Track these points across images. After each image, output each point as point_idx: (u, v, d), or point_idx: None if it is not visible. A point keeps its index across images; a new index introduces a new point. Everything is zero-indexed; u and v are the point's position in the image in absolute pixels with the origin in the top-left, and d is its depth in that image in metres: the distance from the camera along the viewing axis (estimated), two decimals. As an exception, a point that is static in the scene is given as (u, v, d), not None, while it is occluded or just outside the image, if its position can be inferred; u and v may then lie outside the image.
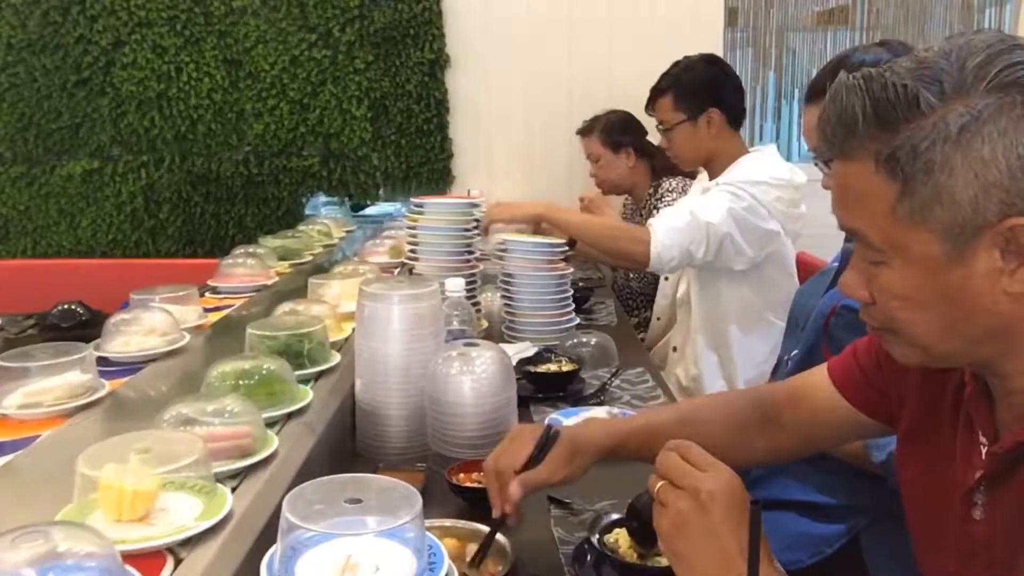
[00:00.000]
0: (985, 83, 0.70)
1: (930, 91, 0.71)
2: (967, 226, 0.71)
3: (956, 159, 0.70)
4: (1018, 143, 0.69)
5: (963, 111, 0.69)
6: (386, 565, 0.78)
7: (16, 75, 3.37)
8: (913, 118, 0.71)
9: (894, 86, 0.72)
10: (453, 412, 1.32)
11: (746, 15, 3.62)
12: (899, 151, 0.71)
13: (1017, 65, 0.70)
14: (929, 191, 0.71)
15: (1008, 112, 0.69)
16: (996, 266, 0.72)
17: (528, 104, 3.33)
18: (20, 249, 3.49)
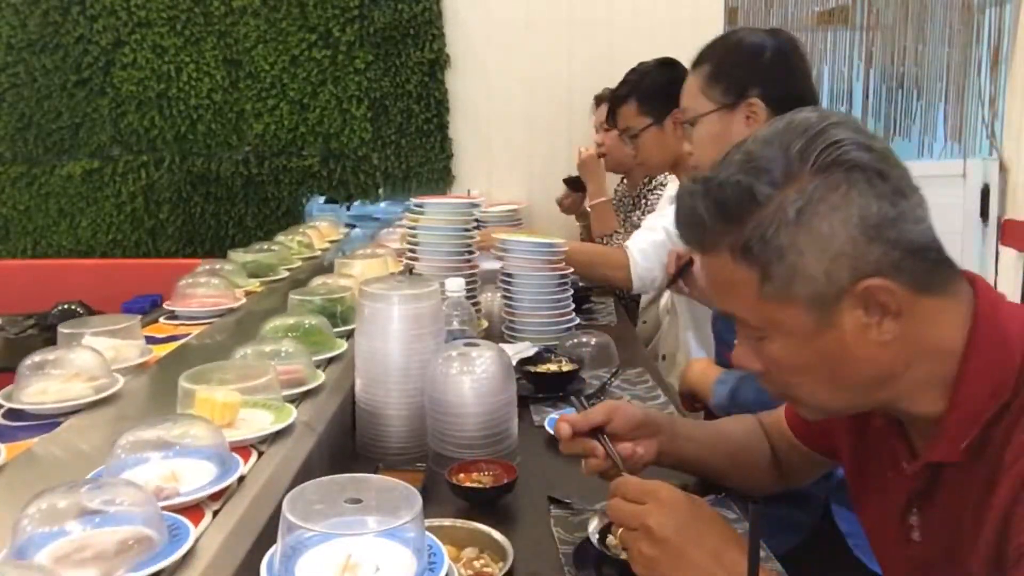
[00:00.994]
0: (809, 166, 0.77)
1: (762, 182, 0.78)
2: (826, 295, 0.78)
3: (801, 240, 0.77)
4: (850, 215, 0.76)
5: (796, 196, 0.77)
6: (386, 565, 0.78)
7: (16, 75, 3.36)
8: (754, 210, 0.78)
9: (730, 184, 0.79)
10: (453, 412, 1.32)
11: (746, 15, 3.62)
12: (750, 242, 0.78)
13: (833, 145, 0.77)
14: (785, 272, 0.78)
15: (835, 190, 0.76)
16: (862, 322, 0.79)
17: (528, 104, 3.33)
18: (20, 249, 3.49)
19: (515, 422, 1.38)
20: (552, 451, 1.42)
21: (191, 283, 1.94)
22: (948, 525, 0.84)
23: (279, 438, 1.15)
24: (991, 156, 3.65)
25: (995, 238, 3.62)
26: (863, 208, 0.76)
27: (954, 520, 0.83)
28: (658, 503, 0.85)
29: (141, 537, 0.79)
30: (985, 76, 3.63)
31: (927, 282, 0.79)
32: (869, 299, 0.77)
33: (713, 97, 1.60)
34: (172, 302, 1.90)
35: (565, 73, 3.32)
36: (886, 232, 0.76)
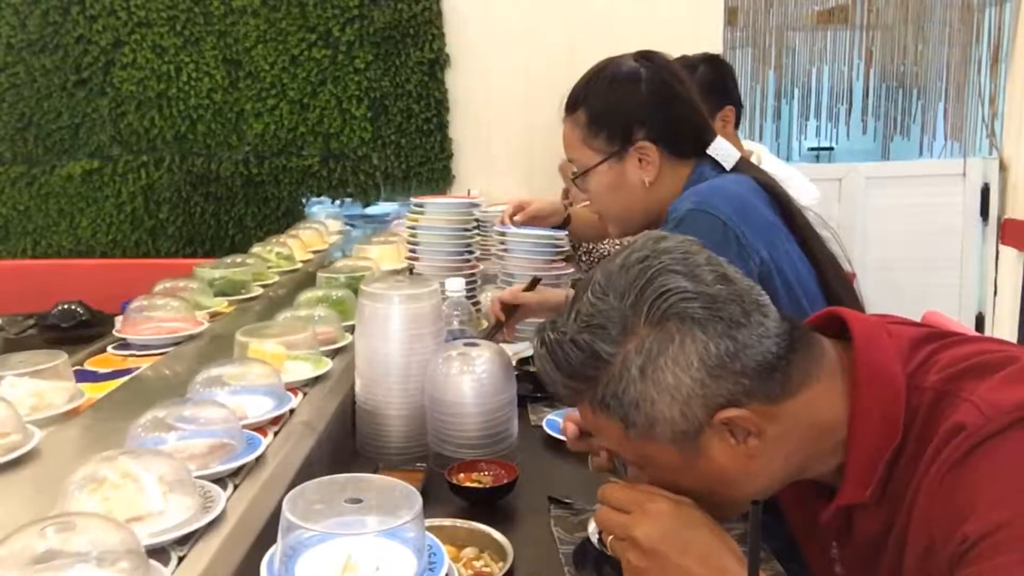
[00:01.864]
0: (643, 320, 0.81)
1: (602, 340, 0.82)
2: (688, 432, 0.82)
3: (651, 392, 0.81)
4: (689, 363, 0.80)
5: (635, 354, 0.81)
6: (386, 565, 0.78)
7: (16, 75, 3.36)
8: (601, 367, 0.82)
9: (572, 345, 0.83)
10: (453, 412, 1.32)
11: (746, 15, 3.62)
12: (605, 398, 0.83)
13: (663, 296, 0.80)
14: (644, 420, 0.82)
15: (671, 343, 0.80)
16: (730, 445, 0.83)
17: (528, 104, 3.33)
18: (20, 249, 3.49)
19: (515, 422, 1.38)
20: (552, 451, 1.43)
21: (145, 305, 1.67)
22: (863, 559, 0.89)
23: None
24: (991, 155, 3.65)
25: (995, 237, 3.63)
26: (701, 352, 0.80)
27: (868, 554, 0.87)
28: (643, 513, 0.86)
29: (225, 444, 1.04)
30: (985, 75, 3.63)
31: (785, 390, 0.83)
32: (730, 426, 0.82)
33: (597, 147, 1.48)
34: (123, 328, 1.66)
35: (565, 73, 3.31)
36: (730, 367, 0.80)
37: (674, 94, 1.46)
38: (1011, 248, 3.56)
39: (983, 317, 3.70)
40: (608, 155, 1.47)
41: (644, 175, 1.46)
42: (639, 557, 0.85)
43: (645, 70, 1.46)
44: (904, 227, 3.60)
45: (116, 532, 0.74)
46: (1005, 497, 0.72)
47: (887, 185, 3.62)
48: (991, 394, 0.77)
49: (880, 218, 3.61)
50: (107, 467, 0.86)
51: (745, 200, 1.39)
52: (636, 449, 0.85)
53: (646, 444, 0.84)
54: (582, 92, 1.51)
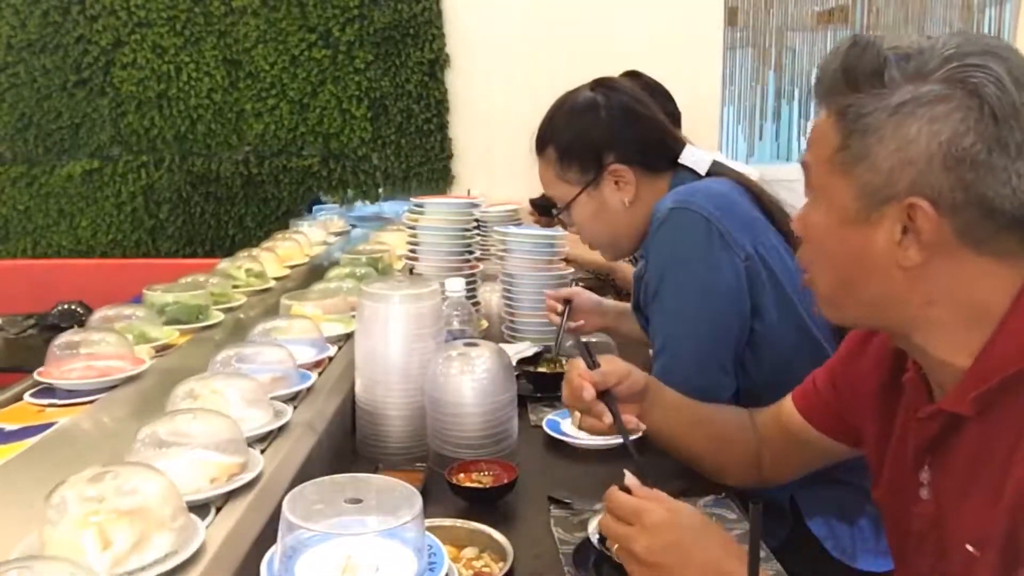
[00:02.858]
0: (940, 72, 0.76)
1: (898, 68, 0.77)
2: (879, 192, 0.78)
3: (887, 129, 0.77)
4: (941, 133, 0.75)
5: (913, 89, 0.76)
6: (386, 565, 0.78)
7: (16, 75, 3.37)
8: (875, 87, 0.78)
9: (870, 55, 0.79)
10: (453, 412, 1.32)
11: (746, 15, 3.62)
12: (849, 110, 0.80)
13: (978, 68, 0.74)
14: (859, 150, 0.79)
15: (945, 103, 0.75)
16: (895, 239, 0.79)
17: (528, 104, 3.31)
18: (20, 249, 3.49)
19: (515, 422, 1.38)
20: (552, 451, 1.42)
21: (76, 341, 1.36)
22: (957, 484, 0.83)
23: (279, 437, 1.15)
24: (991, 156, 3.65)
25: (995, 238, 3.63)
26: (958, 135, 0.74)
27: (963, 479, 0.82)
28: (642, 527, 0.86)
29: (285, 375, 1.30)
30: (985, 76, 3.63)
31: (980, 240, 0.77)
32: (912, 219, 0.77)
33: (572, 179, 1.50)
34: (45, 369, 1.32)
35: (565, 73, 3.31)
36: (964, 170, 0.74)
37: (635, 114, 1.50)
38: (1011, 248, 3.56)
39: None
40: (584, 184, 1.50)
41: (623, 196, 1.49)
42: (641, 569, 0.85)
43: (602, 97, 1.50)
44: (904, 227, 3.60)
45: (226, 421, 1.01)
46: None
47: (887, 185, 3.62)
48: None
49: (880, 218, 3.61)
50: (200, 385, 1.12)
51: (727, 197, 1.42)
52: (827, 175, 0.82)
53: (838, 175, 0.81)
54: (547, 130, 1.53)
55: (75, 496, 0.78)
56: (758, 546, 0.75)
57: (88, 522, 0.76)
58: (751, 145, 3.77)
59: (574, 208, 1.52)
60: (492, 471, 1.25)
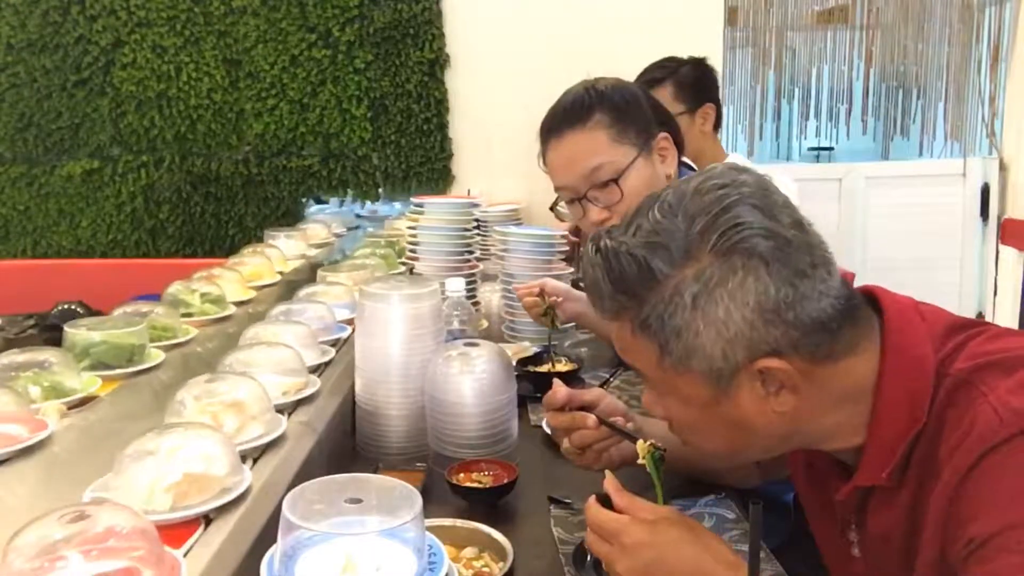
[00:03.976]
0: (709, 247, 0.77)
1: (661, 259, 0.79)
2: (724, 371, 0.80)
3: (698, 323, 0.78)
4: (745, 301, 0.77)
5: (693, 280, 0.78)
6: (386, 565, 0.78)
7: (16, 75, 3.36)
8: (652, 286, 0.79)
9: (629, 258, 0.80)
10: (453, 412, 1.32)
11: (746, 15, 3.62)
12: (649, 319, 0.80)
13: (736, 228, 0.77)
14: (682, 349, 0.80)
15: (732, 277, 0.77)
16: (759, 395, 0.81)
17: (528, 104, 3.31)
18: (20, 249, 3.49)
19: (515, 422, 1.38)
20: (552, 451, 1.42)
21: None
22: (881, 542, 0.87)
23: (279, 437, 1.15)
24: (991, 155, 3.65)
25: (995, 237, 3.62)
26: (760, 293, 0.77)
27: (886, 537, 0.86)
28: (621, 548, 0.86)
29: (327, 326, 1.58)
30: (985, 75, 3.63)
31: (829, 352, 0.81)
32: (766, 375, 0.80)
33: (630, 143, 1.47)
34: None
35: (565, 73, 3.31)
36: (784, 315, 0.77)
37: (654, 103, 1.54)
38: (1011, 248, 3.55)
39: (983, 317, 3.70)
40: (640, 151, 1.47)
41: (667, 169, 1.50)
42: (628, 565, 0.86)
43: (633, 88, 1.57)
44: (904, 227, 3.60)
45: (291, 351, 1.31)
46: (1014, 500, 0.71)
47: (887, 185, 3.61)
48: (1010, 397, 0.76)
49: (880, 218, 3.61)
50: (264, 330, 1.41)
51: None
52: (664, 377, 0.84)
53: (677, 375, 0.82)
54: (589, 98, 1.49)
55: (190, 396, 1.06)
56: (758, 546, 0.75)
57: (205, 410, 1.05)
58: (751, 145, 3.76)
59: (629, 176, 1.45)
60: (492, 471, 1.25)
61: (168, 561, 0.79)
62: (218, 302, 1.81)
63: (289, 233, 2.61)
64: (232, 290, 1.91)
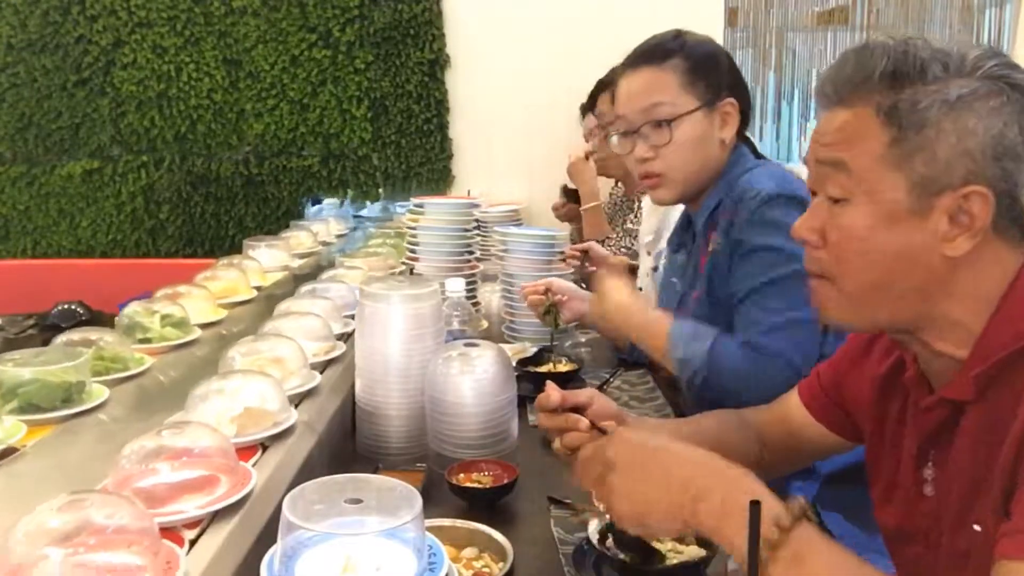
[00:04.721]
0: (980, 72, 0.81)
1: (937, 66, 0.81)
2: (935, 183, 0.80)
3: (947, 122, 0.80)
4: (995, 126, 0.79)
5: (964, 85, 0.80)
6: (386, 565, 0.78)
7: (16, 75, 3.37)
8: (917, 83, 0.81)
9: (915, 55, 0.82)
10: (453, 412, 1.32)
11: (746, 15, 3.62)
12: (901, 104, 0.81)
13: (1004, 65, 0.82)
14: (916, 143, 0.81)
15: (996, 97, 0.80)
16: (943, 229, 0.81)
17: (528, 104, 3.33)
18: (20, 249, 3.49)
19: (515, 422, 1.38)
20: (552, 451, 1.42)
21: None
22: (961, 476, 0.84)
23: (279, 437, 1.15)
24: (991, 156, 3.65)
25: (995, 238, 3.63)
26: (1006, 127, 0.79)
27: (967, 470, 0.83)
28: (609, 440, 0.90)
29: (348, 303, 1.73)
30: (985, 76, 3.63)
31: (1004, 228, 0.81)
32: (962, 208, 0.80)
33: (696, 94, 1.48)
34: None
35: (565, 73, 3.32)
36: (1008, 160, 0.79)
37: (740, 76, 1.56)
38: (1011, 248, 3.56)
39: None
40: (703, 104, 1.48)
41: (724, 134, 1.50)
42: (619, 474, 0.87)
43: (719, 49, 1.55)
44: (904, 227, 3.60)
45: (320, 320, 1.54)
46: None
47: (887, 185, 3.62)
48: None
49: (880, 218, 3.61)
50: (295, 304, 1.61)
51: None
52: (873, 172, 0.83)
53: (888, 172, 0.82)
54: (674, 44, 1.53)
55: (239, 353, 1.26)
56: (758, 546, 0.75)
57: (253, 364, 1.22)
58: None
59: (683, 123, 1.47)
60: (492, 471, 1.25)
61: (241, 472, 0.99)
62: (181, 325, 1.61)
63: (271, 243, 2.43)
64: (199, 310, 1.73)
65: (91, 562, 0.74)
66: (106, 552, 0.75)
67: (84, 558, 0.74)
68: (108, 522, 0.77)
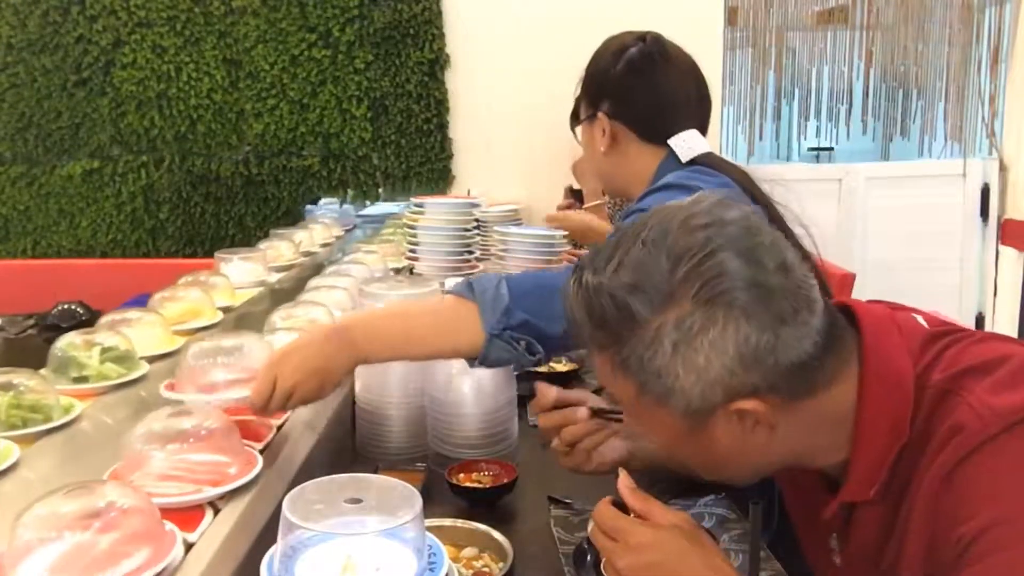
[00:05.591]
0: (691, 295, 0.77)
1: (641, 302, 0.78)
2: (700, 411, 0.81)
3: (677, 367, 0.79)
4: (725, 350, 0.77)
5: (674, 327, 0.77)
6: (386, 565, 0.78)
7: (16, 75, 3.36)
8: (632, 328, 0.79)
9: (610, 299, 0.79)
10: (453, 412, 1.32)
11: (746, 15, 3.62)
12: (628, 360, 0.80)
13: (719, 277, 0.76)
14: (661, 389, 0.80)
15: (713, 327, 0.77)
16: (735, 431, 0.82)
17: (528, 104, 3.33)
18: (20, 249, 3.49)
19: (515, 422, 1.38)
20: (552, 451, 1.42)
21: None
22: (862, 552, 0.88)
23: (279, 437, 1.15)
24: (991, 155, 3.65)
25: (995, 238, 3.63)
26: (741, 343, 0.77)
27: (869, 549, 0.87)
28: (626, 546, 0.86)
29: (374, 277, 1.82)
30: (985, 75, 3.63)
31: (809, 388, 0.82)
32: (742, 414, 0.81)
33: (584, 108, 1.64)
34: None
35: (565, 73, 3.31)
36: (765, 360, 0.78)
37: (643, 78, 1.53)
38: (1011, 248, 3.56)
39: (983, 317, 3.70)
40: (585, 118, 1.62)
41: (605, 143, 1.56)
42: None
43: (633, 51, 1.56)
44: (904, 227, 3.60)
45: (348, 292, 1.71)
46: (1001, 496, 0.72)
47: (887, 185, 3.62)
48: (989, 396, 0.77)
49: (880, 218, 3.61)
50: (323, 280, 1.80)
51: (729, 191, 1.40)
52: (643, 411, 0.85)
53: (656, 409, 0.83)
54: None
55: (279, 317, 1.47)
56: (758, 546, 0.75)
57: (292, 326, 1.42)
58: (751, 145, 3.77)
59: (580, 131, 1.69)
60: (492, 471, 1.25)
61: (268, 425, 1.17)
62: (124, 360, 1.35)
63: (246, 255, 2.19)
64: (150, 339, 1.48)
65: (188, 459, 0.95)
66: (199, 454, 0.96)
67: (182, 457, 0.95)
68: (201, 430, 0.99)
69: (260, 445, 1.09)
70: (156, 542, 0.80)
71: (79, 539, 0.75)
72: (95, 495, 0.80)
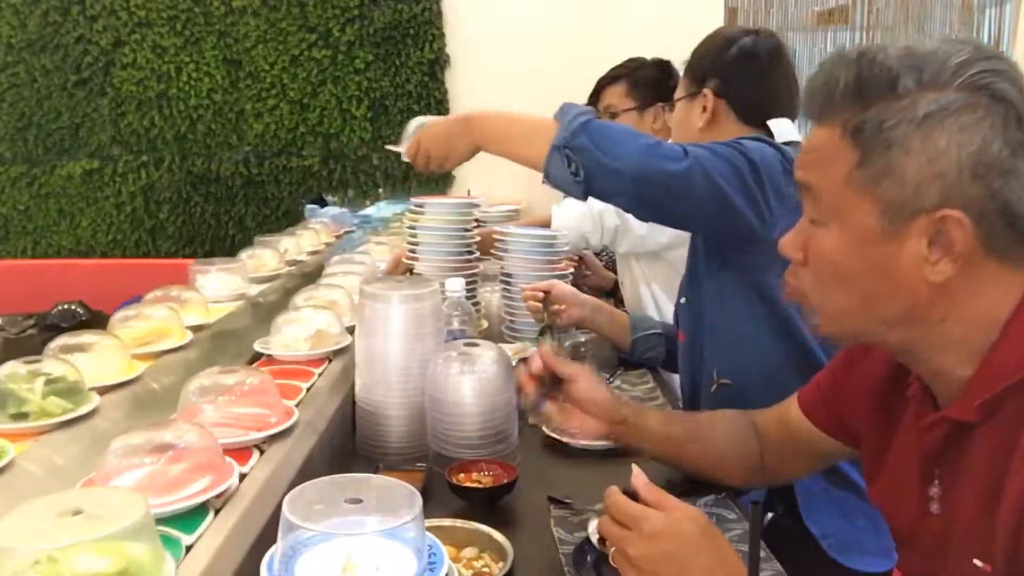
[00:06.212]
0: (959, 80, 0.74)
1: (910, 77, 0.76)
2: (906, 207, 0.76)
3: (914, 142, 0.75)
4: (971, 143, 0.73)
5: (936, 99, 0.74)
6: (386, 565, 0.78)
7: (16, 75, 3.37)
8: (887, 98, 0.76)
9: (880, 66, 0.77)
10: (453, 412, 1.32)
11: (746, 15, 3.62)
12: (866, 124, 0.77)
13: (992, 72, 0.74)
14: (883, 165, 0.76)
15: (972, 112, 0.74)
16: (922, 254, 0.77)
17: (528, 104, 3.28)
18: (20, 249, 3.49)
19: (515, 422, 1.38)
20: (552, 451, 1.43)
21: None
22: (968, 501, 0.81)
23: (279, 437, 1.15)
24: (991, 156, 3.65)
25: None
26: (985, 143, 0.73)
27: (974, 497, 0.80)
28: (639, 533, 0.84)
29: None
30: (985, 76, 3.63)
31: (1001, 248, 0.76)
32: (940, 231, 0.75)
33: (685, 86, 1.68)
34: None
35: (565, 73, 3.32)
36: (993, 178, 0.74)
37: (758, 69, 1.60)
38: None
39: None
40: (686, 94, 1.68)
41: (705, 120, 1.62)
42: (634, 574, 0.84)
43: (749, 41, 1.63)
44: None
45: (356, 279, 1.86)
46: None
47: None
48: None
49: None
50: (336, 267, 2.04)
51: None
52: (842, 196, 0.79)
53: (857, 196, 0.78)
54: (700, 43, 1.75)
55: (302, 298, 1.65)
56: (758, 546, 0.75)
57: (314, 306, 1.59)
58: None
59: (677, 108, 1.72)
60: (492, 471, 1.25)
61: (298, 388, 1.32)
62: (70, 393, 1.15)
63: (224, 265, 1.98)
64: (105, 365, 1.28)
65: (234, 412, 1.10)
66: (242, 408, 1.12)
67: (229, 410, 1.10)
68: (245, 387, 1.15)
69: (295, 401, 1.25)
70: (218, 471, 0.96)
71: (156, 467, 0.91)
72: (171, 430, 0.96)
